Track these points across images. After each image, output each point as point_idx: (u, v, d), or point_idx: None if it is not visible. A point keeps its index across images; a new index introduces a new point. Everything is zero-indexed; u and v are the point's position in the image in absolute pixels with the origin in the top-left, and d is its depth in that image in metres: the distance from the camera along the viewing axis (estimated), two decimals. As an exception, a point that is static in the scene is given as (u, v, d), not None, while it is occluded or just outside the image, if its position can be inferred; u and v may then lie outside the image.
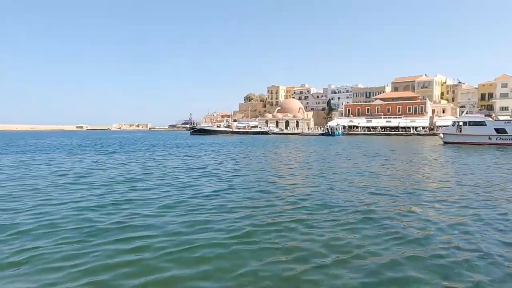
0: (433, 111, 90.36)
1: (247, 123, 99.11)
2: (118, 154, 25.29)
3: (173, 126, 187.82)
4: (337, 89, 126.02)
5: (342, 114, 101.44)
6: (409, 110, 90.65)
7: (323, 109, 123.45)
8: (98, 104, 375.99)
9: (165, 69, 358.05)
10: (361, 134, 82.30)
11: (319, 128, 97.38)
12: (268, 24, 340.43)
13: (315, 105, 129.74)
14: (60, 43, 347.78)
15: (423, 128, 79.86)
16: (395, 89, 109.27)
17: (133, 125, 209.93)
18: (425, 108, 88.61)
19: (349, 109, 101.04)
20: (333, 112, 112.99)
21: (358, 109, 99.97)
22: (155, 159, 21.38)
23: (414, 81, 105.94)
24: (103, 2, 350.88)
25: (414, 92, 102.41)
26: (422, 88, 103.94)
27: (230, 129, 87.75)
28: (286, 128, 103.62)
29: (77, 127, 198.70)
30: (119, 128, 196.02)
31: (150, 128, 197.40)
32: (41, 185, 11.28)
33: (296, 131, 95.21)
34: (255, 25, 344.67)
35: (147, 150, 29.54)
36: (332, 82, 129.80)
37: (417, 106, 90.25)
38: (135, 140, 53.48)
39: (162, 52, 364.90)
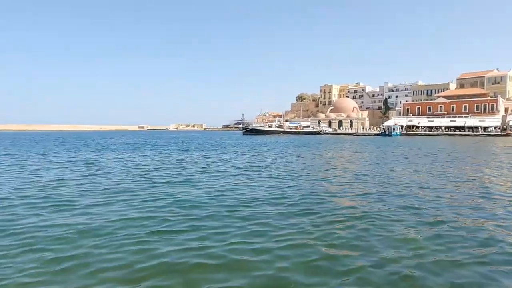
0: (506, 109, 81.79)
1: (299, 123, 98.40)
2: (178, 152, 26.66)
3: (226, 126, 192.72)
4: (394, 87, 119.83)
5: (400, 113, 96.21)
6: (477, 109, 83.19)
7: (379, 108, 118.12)
8: (157, 105, 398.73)
9: (220, 70, 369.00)
10: (422, 135, 77.31)
11: (374, 128, 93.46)
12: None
13: (371, 104, 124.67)
14: (120, 42, 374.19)
15: (494, 128, 72.76)
16: (461, 85, 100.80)
17: (189, 125, 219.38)
18: (496, 106, 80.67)
19: (408, 108, 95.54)
20: (390, 112, 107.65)
21: (418, 108, 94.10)
22: (210, 157, 22.14)
23: (484, 76, 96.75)
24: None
25: (483, 88, 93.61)
26: (493, 84, 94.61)
27: (282, 129, 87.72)
28: (339, 128, 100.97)
29: (139, 127, 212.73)
30: (176, 128, 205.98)
31: (204, 128, 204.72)
32: (114, 180, 12.31)
33: (350, 131, 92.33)
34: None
35: (202, 150, 30.68)
36: (389, 80, 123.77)
37: (486, 104, 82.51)
38: (191, 139, 55.89)
39: (215, 53, 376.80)
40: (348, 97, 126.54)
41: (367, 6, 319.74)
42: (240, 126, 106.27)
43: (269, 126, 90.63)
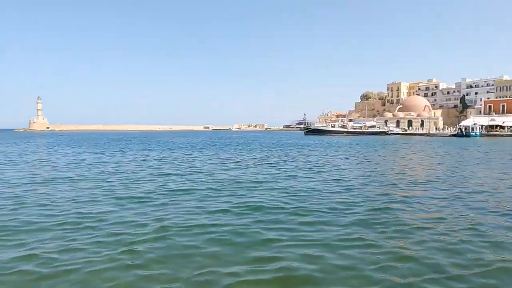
0: None
1: (363, 123, 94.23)
2: (242, 151, 27.45)
3: (288, 126, 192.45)
4: (473, 83, 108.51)
5: (480, 112, 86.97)
6: None
7: (455, 106, 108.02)
8: (221, 106, 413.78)
9: (281, 70, 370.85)
10: (507, 135, 68.93)
11: (449, 128, 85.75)
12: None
13: (445, 102, 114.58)
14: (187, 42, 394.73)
15: None
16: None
17: (251, 126, 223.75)
18: None
19: (490, 106, 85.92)
20: (468, 110, 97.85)
21: (503, 106, 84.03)
22: (272, 158, 22.37)
23: None
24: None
25: None
26: None
27: (345, 129, 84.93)
28: (409, 128, 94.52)
29: (204, 127, 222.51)
30: (239, 128, 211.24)
31: (266, 128, 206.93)
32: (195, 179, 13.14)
33: (420, 132, 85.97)
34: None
35: (265, 151, 31.08)
36: (467, 75, 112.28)
37: None
38: (254, 139, 56.98)
39: (275, 53, 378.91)
40: (418, 94, 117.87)
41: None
42: (302, 126, 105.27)
43: (331, 126, 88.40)
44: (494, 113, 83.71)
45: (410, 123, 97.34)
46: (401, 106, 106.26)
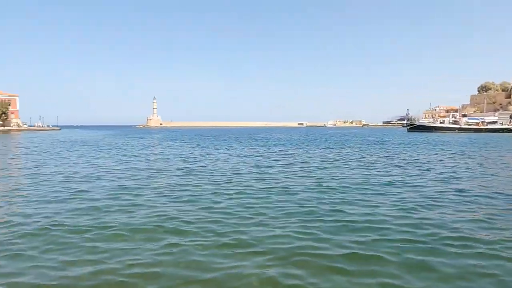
0: None
1: (481, 119, 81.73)
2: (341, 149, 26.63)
3: (388, 122, 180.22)
4: None
5: None
6: None
7: None
8: (316, 102, 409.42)
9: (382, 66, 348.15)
10: None
11: None
12: None
13: None
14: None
15: None
16: None
17: (347, 122, 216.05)
18: None
19: None
20: None
21: None
22: (371, 155, 21.06)
23: None
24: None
25: None
26: None
27: (458, 126, 74.85)
28: (545, 124, 78.41)
29: (298, 123, 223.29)
30: (334, 124, 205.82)
31: (363, 125, 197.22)
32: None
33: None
34: None
35: (361, 148, 29.60)
36: None
37: None
38: (351, 136, 54.76)
39: (381, 52, 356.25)
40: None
41: None
42: (404, 122, 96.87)
43: (440, 122, 78.99)
44: None
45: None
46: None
